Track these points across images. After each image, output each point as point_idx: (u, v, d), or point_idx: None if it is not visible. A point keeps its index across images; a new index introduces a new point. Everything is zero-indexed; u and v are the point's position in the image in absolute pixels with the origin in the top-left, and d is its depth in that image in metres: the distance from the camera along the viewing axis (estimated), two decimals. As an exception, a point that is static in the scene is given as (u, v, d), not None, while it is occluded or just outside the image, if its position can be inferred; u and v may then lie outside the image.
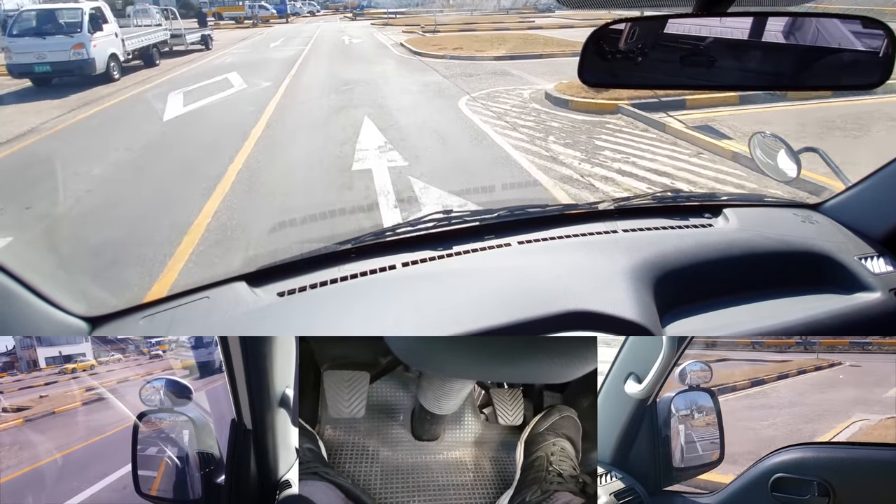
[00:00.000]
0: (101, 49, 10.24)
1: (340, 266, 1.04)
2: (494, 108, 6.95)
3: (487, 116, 6.49)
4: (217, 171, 4.70)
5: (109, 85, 10.05)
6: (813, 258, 1.11)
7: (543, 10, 26.93)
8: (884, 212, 1.18)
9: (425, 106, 7.28)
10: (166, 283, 2.91)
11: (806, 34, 0.87)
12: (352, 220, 3.71)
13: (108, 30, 10.67)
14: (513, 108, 6.95)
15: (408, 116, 6.60)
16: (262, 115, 6.96)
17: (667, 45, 0.85)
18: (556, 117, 6.37)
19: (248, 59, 13.41)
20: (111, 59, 10.52)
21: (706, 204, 1.29)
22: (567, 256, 1.06)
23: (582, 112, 6.54)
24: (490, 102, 7.30)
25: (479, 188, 4.08)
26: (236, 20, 30.21)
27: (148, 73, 11.68)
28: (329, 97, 8.03)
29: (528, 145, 5.24)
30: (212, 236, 3.45)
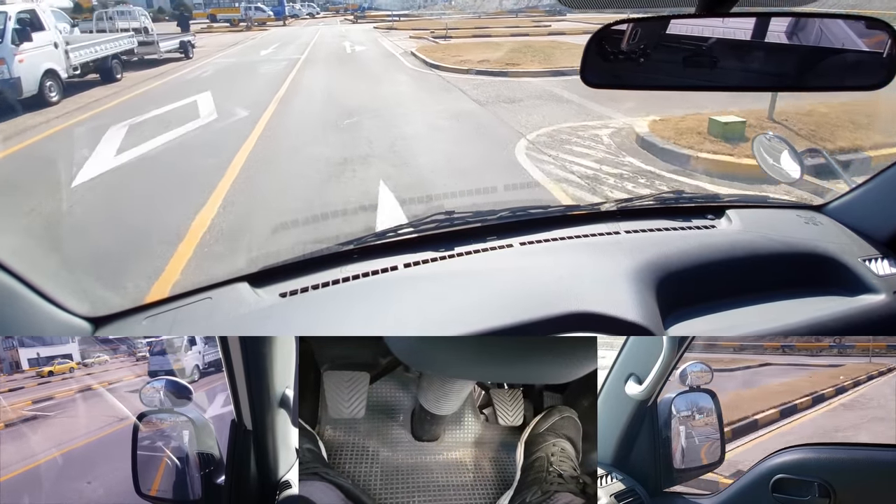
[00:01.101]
0: (30, 65, 7.94)
1: (343, 267, 1.04)
2: (573, 164, 4.47)
3: (572, 184, 4.05)
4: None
5: (42, 111, 7.51)
6: (816, 260, 1.10)
7: (551, 12, 25.75)
8: (888, 213, 1.18)
9: (467, 157, 4.82)
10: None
11: (809, 35, 0.86)
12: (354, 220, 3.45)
13: (43, 39, 8.36)
14: (601, 164, 4.49)
15: (444, 179, 4.17)
16: (224, 177, 4.35)
17: (669, 45, 0.84)
18: (679, 183, 4.09)
19: (231, 73, 10.94)
20: (47, 77, 8.16)
21: (709, 205, 1.29)
22: (569, 258, 1.05)
23: (717, 175, 4.13)
24: (562, 153, 4.78)
25: (481, 189, 3.85)
26: (231, 23, 27.76)
27: (103, 91, 9.20)
28: (326, 139, 5.56)
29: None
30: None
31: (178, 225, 3.46)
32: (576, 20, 19.15)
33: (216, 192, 4.03)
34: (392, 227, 1.12)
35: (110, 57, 10.31)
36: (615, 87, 0.90)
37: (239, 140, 5.58)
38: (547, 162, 4.60)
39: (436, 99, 7.71)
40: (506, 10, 31.49)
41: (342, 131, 5.88)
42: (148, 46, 12.44)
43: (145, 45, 12.36)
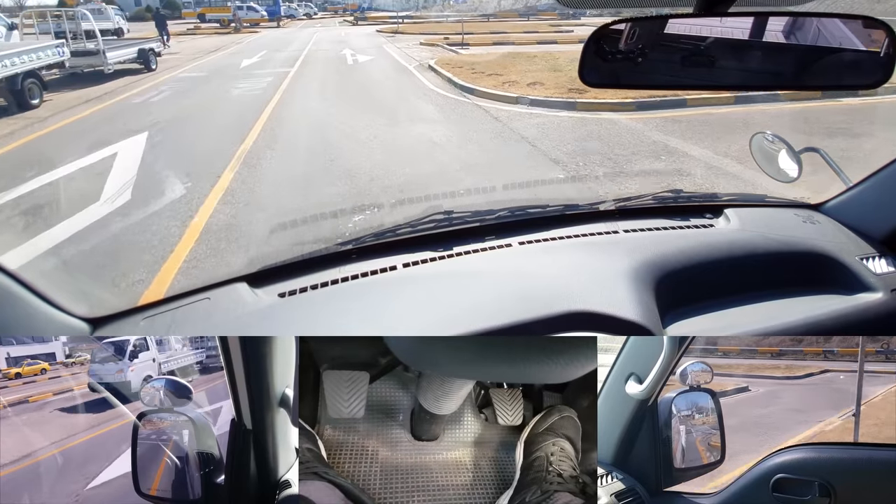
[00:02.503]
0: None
1: (341, 267, 1.03)
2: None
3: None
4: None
5: None
6: (814, 258, 1.11)
7: (564, 15, 24.14)
8: (885, 212, 1.18)
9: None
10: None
11: (807, 34, 0.86)
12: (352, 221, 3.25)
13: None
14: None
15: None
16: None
17: (667, 45, 0.84)
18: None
19: (192, 97, 8.12)
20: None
21: (707, 204, 1.29)
22: (568, 257, 1.06)
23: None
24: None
25: (480, 188, 3.82)
26: (220, 23, 25.13)
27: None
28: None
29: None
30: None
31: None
32: (593, 25, 16.76)
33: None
34: (391, 227, 1.12)
35: (22, 76, 7.57)
36: (613, 86, 0.90)
37: (154, 261, 2.97)
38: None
39: (499, 157, 4.69)
40: (504, 10, 30.51)
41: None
42: (88, 58, 9.57)
43: (84, 55, 9.47)
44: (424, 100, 7.47)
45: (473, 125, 5.97)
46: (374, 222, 3.46)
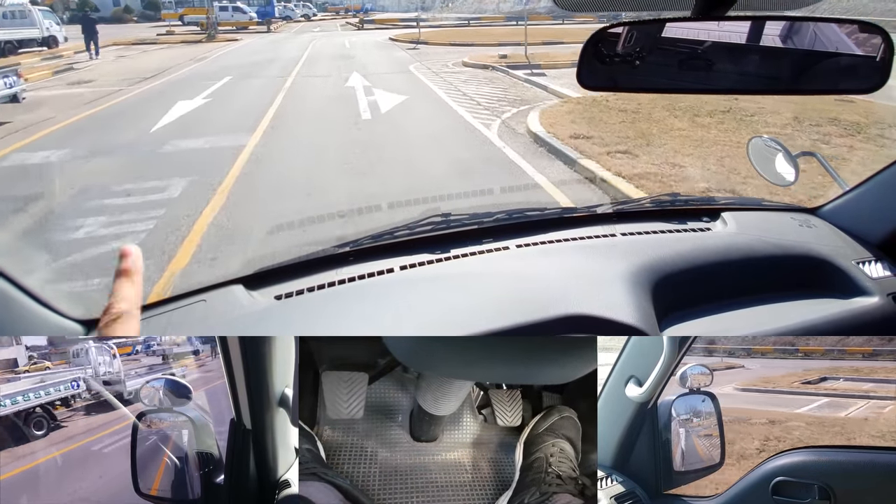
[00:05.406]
0: None
1: (338, 269, 1.03)
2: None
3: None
4: None
5: None
6: (811, 262, 1.11)
7: (557, 16, 21.01)
8: (882, 216, 1.18)
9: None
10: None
11: (804, 38, 0.87)
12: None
13: None
14: None
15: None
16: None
17: (665, 48, 0.85)
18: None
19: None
20: None
21: (704, 207, 1.30)
22: (565, 260, 1.06)
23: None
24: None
25: (477, 191, 3.82)
26: (200, 26, 21.21)
27: None
28: None
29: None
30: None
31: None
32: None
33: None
34: (388, 229, 1.12)
35: None
36: (611, 89, 0.91)
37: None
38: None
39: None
40: (503, 13, 28.47)
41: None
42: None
43: None
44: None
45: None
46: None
